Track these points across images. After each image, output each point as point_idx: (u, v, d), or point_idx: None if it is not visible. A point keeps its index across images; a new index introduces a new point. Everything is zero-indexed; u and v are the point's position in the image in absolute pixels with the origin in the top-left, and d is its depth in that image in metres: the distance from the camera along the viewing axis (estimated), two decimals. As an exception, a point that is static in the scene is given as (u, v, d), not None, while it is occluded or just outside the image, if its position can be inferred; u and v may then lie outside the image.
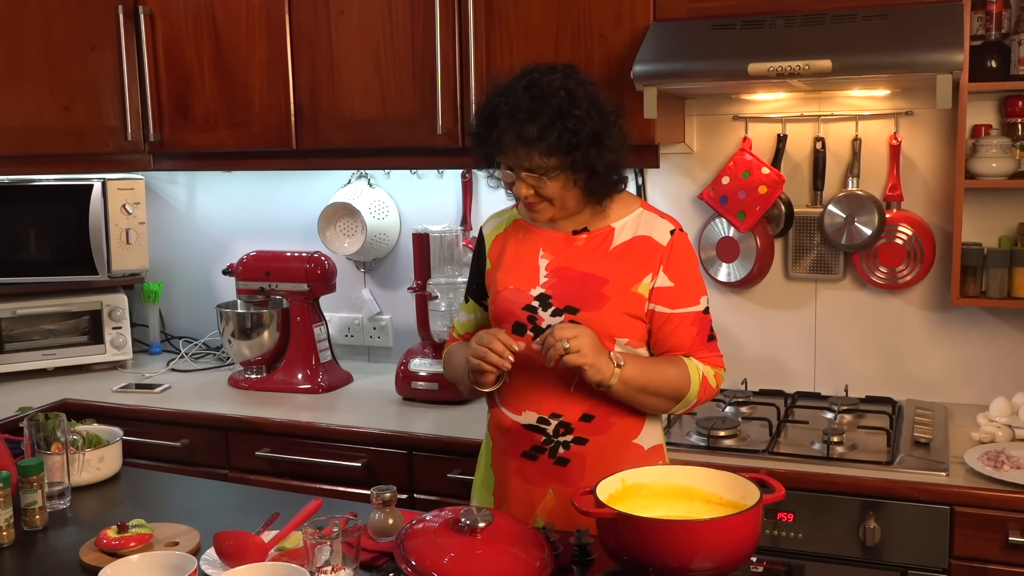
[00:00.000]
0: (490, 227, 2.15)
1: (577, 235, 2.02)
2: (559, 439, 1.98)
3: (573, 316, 1.95)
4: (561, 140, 1.87)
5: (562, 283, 1.99)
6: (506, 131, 1.89)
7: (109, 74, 3.20)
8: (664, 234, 2.01)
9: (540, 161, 1.89)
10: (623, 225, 2.02)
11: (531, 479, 2.01)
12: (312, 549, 1.62)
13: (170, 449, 2.92)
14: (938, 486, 2.21)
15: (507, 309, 2.01)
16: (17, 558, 1.86)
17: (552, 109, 1.86)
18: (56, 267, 3.37)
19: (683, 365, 1.98)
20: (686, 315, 2.00)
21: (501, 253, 2.08)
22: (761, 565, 1.69)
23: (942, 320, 2.80)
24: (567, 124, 1.87)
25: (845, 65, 2.28)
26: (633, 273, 1.98)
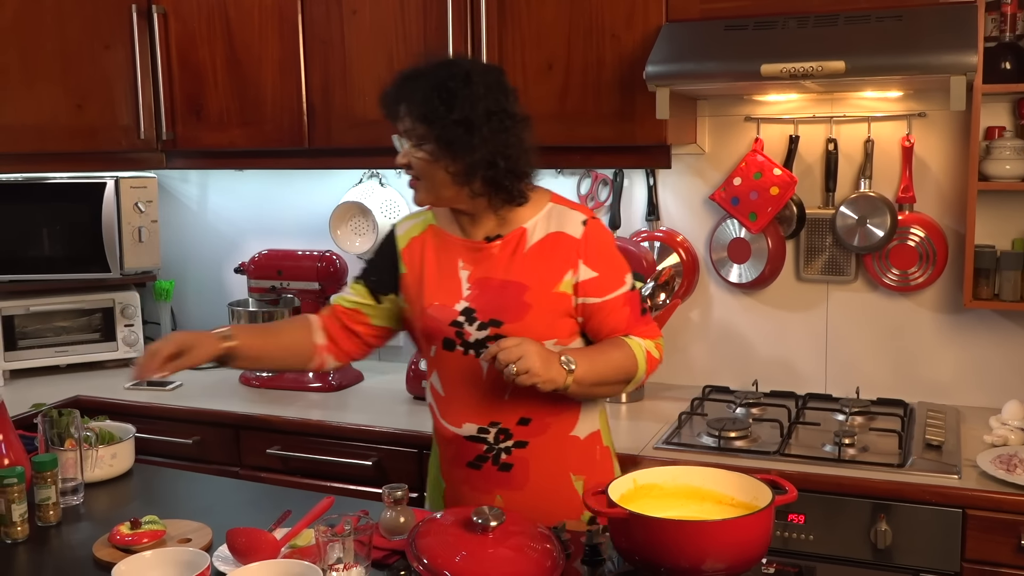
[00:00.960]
0: (403, 228, 2.10)
1: (491, 242, 1.98)
2: (500, 446, 1.99)
3: (497, 329, 1.94)
4: (431, 108, 1.86)
5: (484, 295, 1.97)
6: (400, 89, 1.92)
7: (122, 73, 3.22)
8: (577, 226, 1.97)
9: (411, 125, 1.90)
10: (534, 224, 1.98)
11: (478, 487, 2.02)
12: (324, 547, 1.62)
13: (182, 446, 2.93)
14: (950, 489, 2.20)
15: (435, 327, 1.99)
16: (31, 553, 1.87)
17: (439, 78, 1.88)
18: (69, 265, 3.38)
19: (626, 346, 1.98)
20: (616, 299, 1.99)
21: (420, 262, 2.04)
22: (772, 567, 1.69)
23: (954, 322, 2.79)
24: (442, 95, 1.86)
25: (858, 66, 2.28)
26: (552, 274, 1.95)
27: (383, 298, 2.09)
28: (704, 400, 2.86)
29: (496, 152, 1.89)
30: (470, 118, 1.86)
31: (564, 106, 2.74)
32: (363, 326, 2.11)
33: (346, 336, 2.11)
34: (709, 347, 3.06)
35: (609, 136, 2.70)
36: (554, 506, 1.99)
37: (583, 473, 2.04)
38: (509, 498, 1.99)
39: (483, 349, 1.94)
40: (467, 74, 1.89)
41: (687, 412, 2.72)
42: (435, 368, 2.04)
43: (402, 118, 1.92)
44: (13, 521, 1.88)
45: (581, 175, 3.15)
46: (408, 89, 1.91)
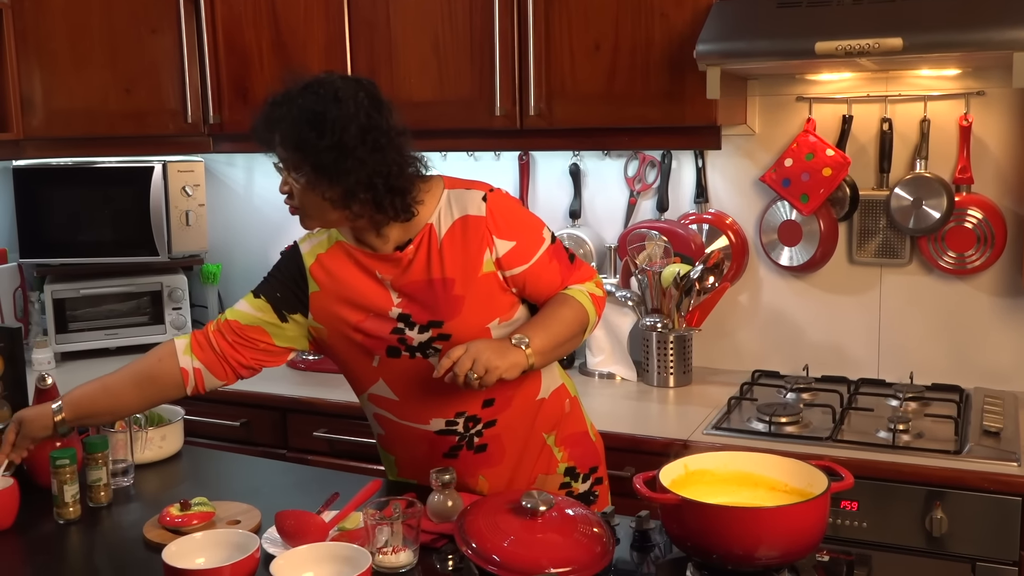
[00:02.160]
0: (308, 246, 2.00)
1: (403, 251, 1.91)
2: (471, 432, 1.98)
3: (439, 329, 1.90)
4: (303, 136, 1.77)
5: (415, 299, 1.91)
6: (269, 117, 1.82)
7: (169, 57, 3.23)
8: (478, 204, 1.91)
9: (285, 154, 1.81)
10: (438, 217, 1.92)
11: (460, 473, 1.98)
12: (372, 530, 1.62)
13: (229, 428, 2.95)
14: (1009, 476, 2.15)
15: (375, 338, 1.93)
16: (83, 533, 1.89)
17: (307, 103, 1.77)
18: (118, 248, 3.42)
19: (569, 298, 1.96)
20: (541, 258, 1.95)
21: (332, 279, 1.95)
22: (825, 554, 1.65)
23: (1013, 306, 2.72)
24: (313, 122, 1.76)
25: (916, 43, 2.22)
26: (472, 259, 1.90)
27: (289, 316, 1.97)
28: (753, 385, 2.82)
29: (373, 172, 1.80)
30: (342, 141, 1.77)
31: (612, 87, 2.70)
32: (264, 344, 1.99)
33: (236, 353, 1.98)
34: (758, 331, 3.02)
35: (657, 117, 2.66)
36: (531, 468, 2.03)
37: (553, 429, 2.06)
38: (491, 475, 2.00)
39: (429, 350, 1.92)
40: (335, 94, 1.79)
41: (736, 397, 2.68)
42: (380, 376, 1.97)
43: (275, 147, 1.83)
44: (65, 502, 1.91)
45: (628, 157, 3.11)
46: (277, 117, 1.80)
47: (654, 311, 2.90)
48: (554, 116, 2.78)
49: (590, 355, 3.02)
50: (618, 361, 2.98)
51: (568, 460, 2.07)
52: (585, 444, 2.12)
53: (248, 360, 1.99)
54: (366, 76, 2.95)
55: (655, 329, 2.87)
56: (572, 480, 2.08)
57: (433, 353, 1.92)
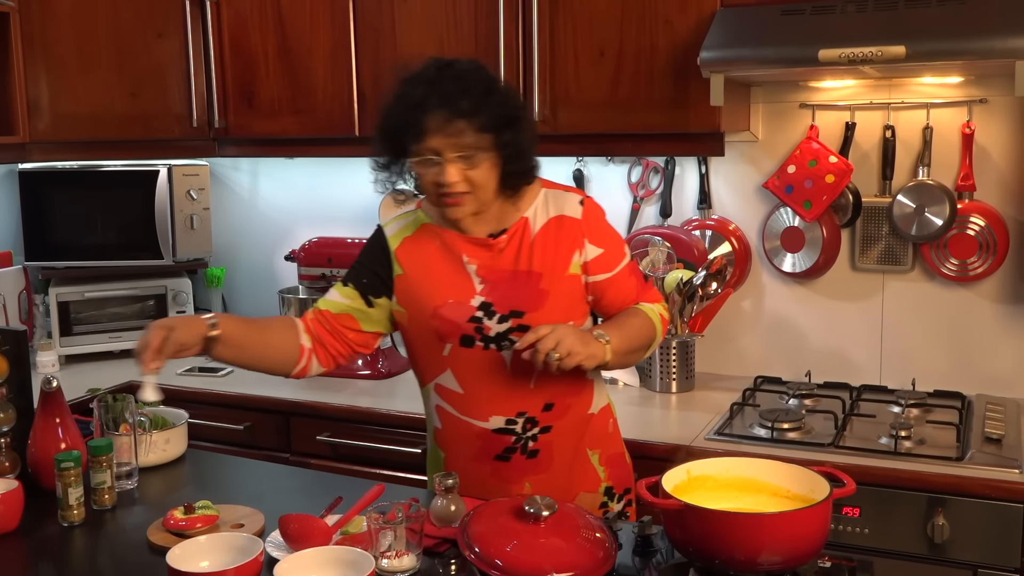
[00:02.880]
0: (393, 229, 2.03)
1: (496, 238, 1.96)
2: (527, 435, 1.99)
3: (520, 320, 1.93)
4: (492, 116, 1.82)
5: (499, 287, 1.95)
6: (436, 110, 1.80)
7: (175, 61, 3.25)
8: (576, 207, 1.98)
9: (472, 138, 1.82)
10: (534, 212, 1.98)
11: (507, 478, 2.00)
12: (376, 534, 1.63)
13: (233, 432, 2.95)
14: (1011, 483, 2.15)
15: (452, 324, 1.95)
16: (87, 536, 1.90)
17: (480, 85, 1.83)
18: (122, 251, 3.43)
19: (642, 313, 2.02)
20: (623, 270, 2.02)
21: (417, 262, 1.99)
22: (827, 560, 1.66)
23: (1015, 313, 2.73)
24: (495, 99, 1.83)
25: (919, 51, 2.22)
26: (561, 258, 1.96)
27: (375, 301, 2.02)
28: (756, 391, 2.82)
29: (532, 140, 1.91)
30: (518, 114, 1.87)
31: (616, 93, 2.71)
32: (352, 332, 2.03)
33: (333, 341, 2.03)
34: (761, 337, 3.02)
35: (661, 123, 2.67)
36: (574, 483, 2.03)
37: (598, 447, 2.07)
38: (536, 482, 2.00)
39: (505, 342, 1.94)
40: (482, 70, 1.87)
41: (739, 403, 2.69)
42: (449, 367, 1.99)
43: (455, 137, 1.82)
44: (69, 504, 1.91)
45: (632, 163, 3.12)
46: (454, 107, 1.80)
47: (657, 317, 2.91)
48: (558, 122, 2.79)
49: (593, 360, 3.02)
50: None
51: (608, 480, 2.09)
52: (622, 465, 2.14)
53: (342, 347, 2.04)
54: (370, 82, 3.01)
55: (658, 335, 2.87)
56: (609, 500, 2.09)
57: (508, 345, 1.94)
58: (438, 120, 1.81)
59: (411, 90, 1.84)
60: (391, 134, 1.89)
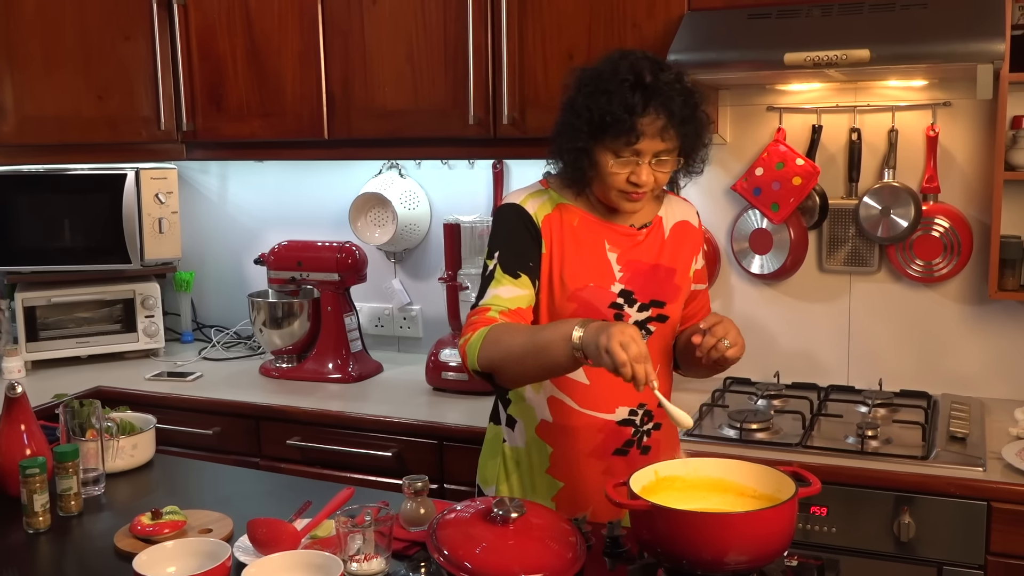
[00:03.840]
0: (533, 206, 1.98)
1: (640, 230, 2.02)
2: (644, 428, 2.03)
3: (660, 310, 2.00)
4: (693, 124, 1.89)
5: (638, 277, 1.99)
6: (655, 116, 1.83)
7: (143, 64, 3.22)
8: (695, 217, 2.13)
9: (674, 144, 1.88)
10: (665, 213, 2.07)
11: (620, 475, 1.94)
12: (345, 538, 1.63)
13: (202, 437, 2.93)
14: (975, 481, 2.18)
15: (590, 308, 1.94)
16: (53, 543, 1.88)
17: (687, 94, 1.87)
18: (90, 256, 3.40)
19: None
20: (707, 291, 2.19)
21: (559, 240, 1.96)
22: (794, 559, 1.67)
23: (979, 314, 2.76)
24: (696, 110, 1.89)
25: (884, 55, 2.25)
26: (687, 259, 2.08)
27: (537, 283, 1.97)
28: (725, 392, 2.84)
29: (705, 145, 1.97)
30: (708, 124, 1.94)
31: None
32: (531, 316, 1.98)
33: None
34: (730, 339, 3.04)
35: (630, 126, 2.68)
36: None
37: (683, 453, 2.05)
38: None
39: (642, 331, 1.94)
40: (680, 75, 1.89)
41: (708, 404, 2.70)
42: None
43: (667, 140, 1.86)
44: (35, 511, 1.89)
45: (601, 166, 3.13)
46: (671, 113, 1.84)
47: (627, 319, 2.92)
48: (527, 124, 2.79)
49: (563, 362, 3.03)
50: (591, 368, 2.99)
51: None
52: None
53: None
54: (339, 85, 3.01)
55: (628, 337, 2.88)
56: None
57: (645, 335, 1.97)
58: (655, 127, 1.84)
59: (627, 92, 1.83)
60: (598, 131, 1.86)
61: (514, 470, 2.09)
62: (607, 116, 1.83)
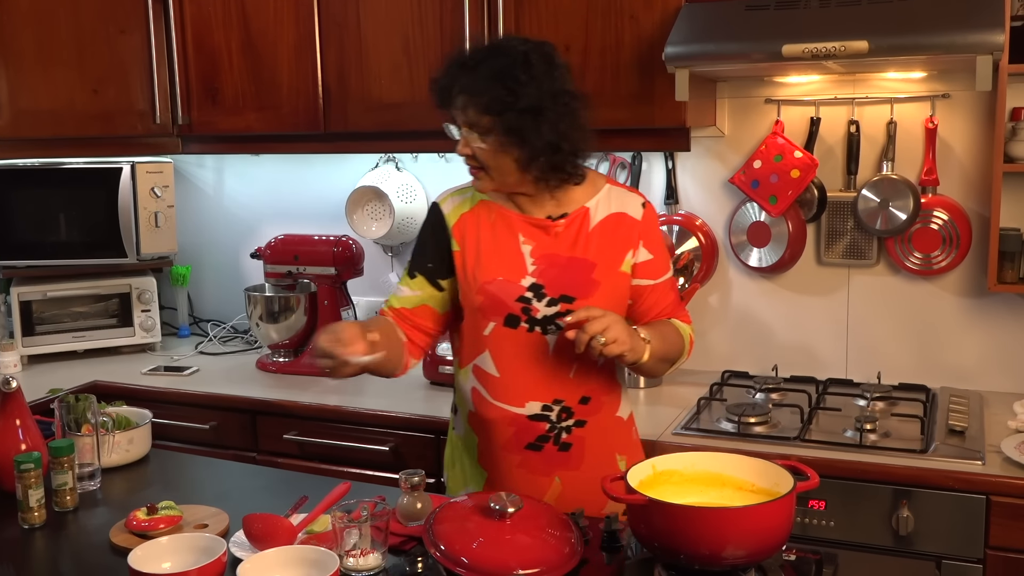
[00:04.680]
0: (450, 206, 2.03)
1: (555, 221, 1.97)
2: (562, 425, 1.98)
3: (569, 305, 1.93)
4: (495, 98, 1.82)
5: (551, 270, 1.95)
6: (453, 75, 1.88)
7: (138, 57, 3.21)
8: (637, 208, 2.02)
9: (475, 116, 1.86)
10: (596, 204, 1.99)
11: (536, 469, 1.99)
12: (341, 533, 1.62)
13: (198, 431, 2.93)
14: (974, 475, 2.17)
15: (498, 301, 1.95)
16: (48, 538, 1.87)
17: (499, 65, 1.84)
18: (85, 250, 3.38)
19: (677, 330, 2.04)
20: (665, 283, 2.06)
21: (473, 237, 1.99)
22: (792, 553, 1.67)
23: (978, 306, 2.75)
24: (507, 84, 1.82)
25: (882, 46, 2.24)
26: (616, 253, 1.98)
27: (442, 283, 2.01)
28: (723, 385, 2.83)
29: (561, 135, 1.87)
30: (537, 104, 1.84)
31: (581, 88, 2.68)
32: (430, 320, 2.03)
33: (417, 333, 2.03)
34: (728, 332, 3.03)
35: (627, 119, 2.67)
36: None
37: (626, 453, 2.07)
38: (567, 479, 1.99)
39: (551, 326, 1.94)
40: (526, 57, 1.85)
41: (706, 397, 2.70)
42: (488, 347, 1.97)
43: (462, 109, 1.87)
44: (30, 506, 1.88)
45: (599, 158, 3.12)
46: (468, 80, 1.85)
47: (624, 312, 2.91)
48: (524, 118, 2.78)
49: (561, 356, 3.02)
50: (589, 362, 2.98)
51: None
52: None
53: (425, 337, 2.05)
54: (335, 78, 2.99)
55: (625, 330, 2.88)
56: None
57: (553, 330, 1.94)
58: (457, 88, 1.87)
59: (455, 55, 1.92)
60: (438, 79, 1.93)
61: (458, 459, 2.12)
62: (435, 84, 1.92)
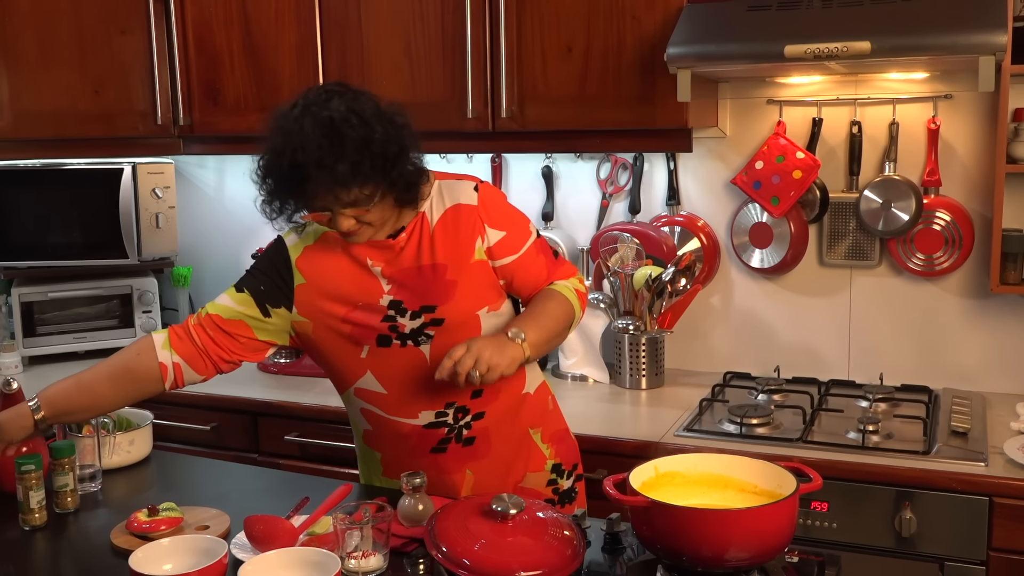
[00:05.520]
0: (293, 239, 1.99)
1: (395, 238, 1.93)
2: (460, 424, 1.98)
3: (432, 314, 1.92)
4: (375, 168, 1.78)
5: (406, 285, 1.93)
6: (317, 179, 1.76)
7: (139, 58, 3.20)
8: (470, 194, 1.96)
9: (359, 194, 1.80)
10: (430, 205, 1.96)
11: (446, 469, 2.00)
12: (342, 534, 1.62)
13: (199, 433, 2.92)
14: (976, 476, 2.17)
15: (365, 328, 1.93)
16: (49, 540, 1.87)
17: (354, 142, 1.76)
18: (87, 251, 3.38)
19: (557, 294, 2.00)
20: (529, 250, 2.00)
21: (320, 270, 1.95)
22: (795, 555, 1.66)
23: (980, 308, 2.75)
24: (374, 150, 1.77)
25: (884, 47, 2.23)
26: (463, 246, 1.94)
27: (272, 311, 1.96)
28: (725, 387, 2.83)
29: (419, 171, 1.88)
30: (401, 144, 1.82)
31: (584, 89, 2.70)
32: (244, 339, 1.97)
33: (217, 347, 1.96)
34: (730, 333, 3.03)
35: (629, 120, 2.67)
36: (518, 463, 2.04)
37: (539, 425, 2.08)
38: (477, 468, 2.01)
39: (421, 337, 1.93)
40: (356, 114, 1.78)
41: (708, 399, 2.69)
42: (368, 368, 1.96)
43: (338, 198, 1.79)
44: (31, 508, 1.88)
45: (600, 159, 3.12)
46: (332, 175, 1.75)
47: (626, 313, 2.91)
48: (526, 118, 2.78)
49: (563, 357, 3.02)
50: (591, 363, 2.98)
51: (555, 457, 2.09)
52: (568, 441, 2.15)
53: (228, 354, 1.98)
54: (337, 78, 2.98)
55: (627, 331, 2.87)
56: (558, 477, 2.09)
57: (425, 340, 1.93)
58: (324, 186, 1.78)
59: (288, 151, 1.77)
60: (278, 192, 1.85)
61: (368, 473, 2.14)
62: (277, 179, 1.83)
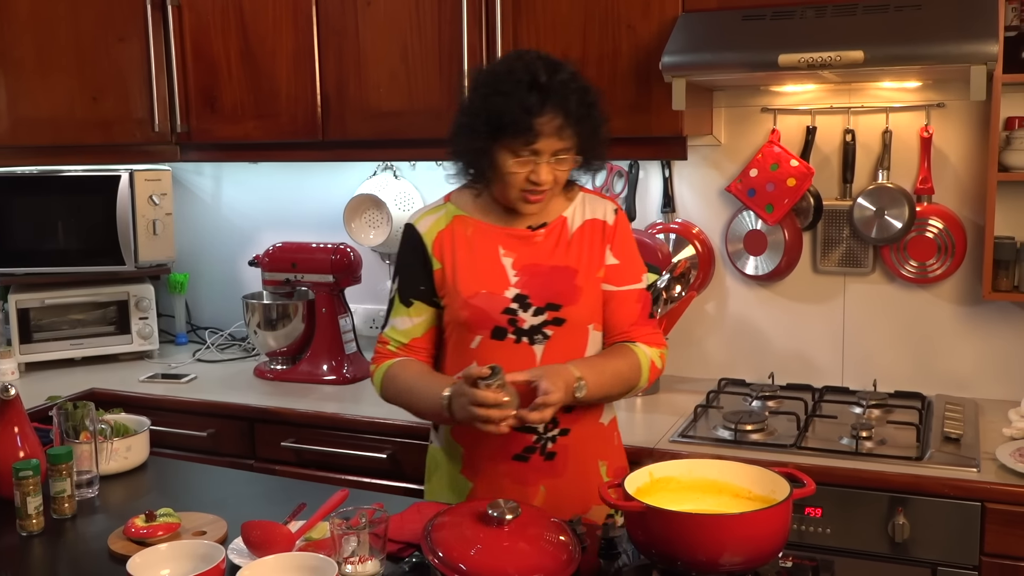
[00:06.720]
0: (425, 225, 2.04)
1: (535, 230, 2.00)
2: (548, 435, 2.00)
3: (556, 312, 1.95)
4: (593, 123, 1.91)
5: (535, 280, 1.97)
6: (551, 116, 1.86)
7: (137, 65, 3.22)
8: (609, 214, 2.05)
9: (572, 142, 1.90)
10: (572, 212, 2.03)
11: (523, 480, 2.01)
12: (339, 540, 1.62)
13: (196, 439, 2.93)
14: (969, 482, 2.18)
15: (483, 315, 1.96)
16: (46, 546, 1.87)
17: (584, 92, 1.89)
18: (84, 257, 3.39)
19: (632, 356, 2.02)
20: (631, 292, 2.05)
21: (451, 253, 2.01)
22: (789, 560, 1.67)
23: (973, 314, 2.77)
24: (592, 108, 1.91)
25: (877, 56, 2.25)
26: (594, 259, 2.02)
27: (439, 301, 2.04)
28: (720, 393, 2.84)
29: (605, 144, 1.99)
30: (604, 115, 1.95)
31: (579, 97, 2.71)
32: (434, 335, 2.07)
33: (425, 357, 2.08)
34: (725, 340, 3.04)
35: (624, 127, 2.67)
36: (587, 492, 2.01)
37: (607, 459, 2.09)
38: (551, 487, 2.01)
39: (537, 336, 1.96)
40: (575, 73, 1.91)
41: (703, 405, 2.70)
42: (475, 360, 1.97)
43: (555, 134, 1.87)
44: (28, 514, 1.89)
45: (596, 167, 3.13)
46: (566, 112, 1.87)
47: (621, 320, 2.92)
48: (522, 126, 2.79)
49: (558, 364, 3.03)
50: (586, 370, 2.98)
51: None
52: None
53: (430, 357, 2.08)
54: (334, 86, 3.01)
55: (622, 338, 2.88)
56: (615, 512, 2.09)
57: (541, 339, 1.96)
58: (552, 126, 1.86)
59: (523, 92, 1.85)
60: (496, 131, 1.89)
61: (435, 469, 2.14)
62: (505, 116, 1.86)
